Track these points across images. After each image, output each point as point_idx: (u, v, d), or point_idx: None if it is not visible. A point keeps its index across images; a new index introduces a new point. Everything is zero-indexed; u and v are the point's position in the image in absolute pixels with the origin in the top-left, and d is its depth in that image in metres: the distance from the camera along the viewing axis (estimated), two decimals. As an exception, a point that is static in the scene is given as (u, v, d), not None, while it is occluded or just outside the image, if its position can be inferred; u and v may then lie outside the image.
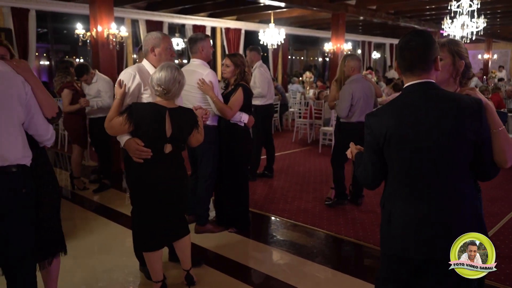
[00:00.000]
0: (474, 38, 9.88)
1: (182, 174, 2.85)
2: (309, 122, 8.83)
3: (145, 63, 3.04)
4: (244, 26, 13.07)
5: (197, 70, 3.68)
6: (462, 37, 9.68)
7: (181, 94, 2.95)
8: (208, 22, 12.16)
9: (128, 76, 2.89)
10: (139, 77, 2.90)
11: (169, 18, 11.23)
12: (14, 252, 2.14)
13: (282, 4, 9.26)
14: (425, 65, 1.75)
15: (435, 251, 1.74)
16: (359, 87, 4.52)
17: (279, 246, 3.87)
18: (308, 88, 12.11)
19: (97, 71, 5.55)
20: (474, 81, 8.81)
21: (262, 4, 9.74)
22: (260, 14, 12.09)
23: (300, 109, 9.28)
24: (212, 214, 4.38)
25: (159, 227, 2.83)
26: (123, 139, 2.74)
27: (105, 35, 6.41)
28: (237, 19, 12.88)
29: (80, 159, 5.62)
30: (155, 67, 2.92)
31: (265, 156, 6.16)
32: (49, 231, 2.45)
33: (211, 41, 3.92)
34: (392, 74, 15.41)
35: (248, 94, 3.91)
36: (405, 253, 1.78)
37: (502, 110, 7.05)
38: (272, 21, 11.37)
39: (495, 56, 21.06)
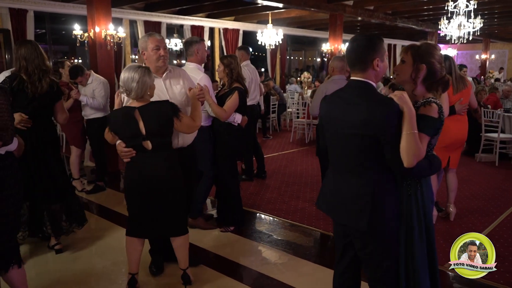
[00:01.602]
0: (471, 38, 9.90)
1: (169, 170, 2.84)
2: (306, 122, 8.86)
3: None
4: (242, 26, 13.08)
5: (190, 75, 3.59)
6: (458, 37, 9.71)
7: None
8: (206, 23, 12.17)
9: None
10: None
11: (167, 19, 11.24)
12: None
13: (280, 5, 9.27)
14: (362, 66, 2.01)
15: (340, 217, 2.14)
16: (335, 88, 4.53)
17: (276, 245, 3.89)
18: (306, 88, 12.14)
19: (92, 72, 5.55)
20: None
21: (260, 5, 9.75)
22: (258, 14, 12.11)
23: (298, 109, 9.31)
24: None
25: (140, 218, 2.90)
26: (117, 144, 2.89)
27: (103, 35, 6.42)
28: (235, 20, 12.89)
29: (78, 161, 5.62)
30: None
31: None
32: None
33: (206, 44, 3.98)
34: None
35: (243, 97, 4.06)
36: (328, 214, 2.28)
37: (498, 110, 7.08)
38: (270, 21, 11.38)
39: (493, 56, 21.10)
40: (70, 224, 3.72)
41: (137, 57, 11.64)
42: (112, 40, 6.54)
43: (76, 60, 13.23)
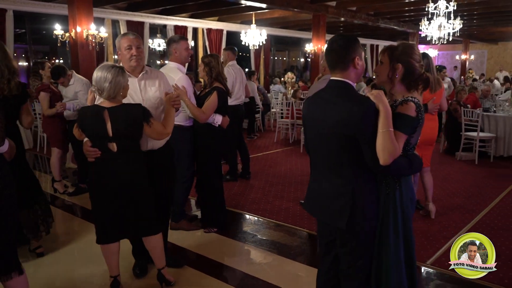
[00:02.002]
0: (451, 39, 10.09)
1: (134, 173, 2.79)
2: (290, 122, 8.90)
3: None
4: (225, 26, 13.07)
5: (168, 74, 3.55)
6: (439, 38, 9.88)
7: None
8: (190, 23, 12.13)
9: None
10: None
11: (150, 19, 11.17)
12: None
13: (264, 5, 9.30)
14: (343, 65, 2.05)
15: (323, 216, 2.20)
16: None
17: (260, 245, 3.90)
18: (290, 89, 12.20)
19: (74, 72, 5.44)
20: (446, 82, 8.99)
21: (243, 5, 9.77)
22: (242, 15, 12.12)
23: (282, 110, 9.35)
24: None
25: (108, 222, 2.84)
26: (84, 142, 2.83)
27: (84, 35, 6.36)
28: (219, 20, 12.87)
29: (59, 162, 5.51)
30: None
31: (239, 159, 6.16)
32: None
33: (188, 43, 3.90)
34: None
35: (222, 97, 4.00)
36: (312, 214, 2.34)
37: (480, 109, 7.23)
38: (253, 22, 11.41)
39: (472, 57, 21.52)
40: (26, 235, 3.56)
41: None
42: (94, 40, 6.49)
43: (57, 61, 13.04)
